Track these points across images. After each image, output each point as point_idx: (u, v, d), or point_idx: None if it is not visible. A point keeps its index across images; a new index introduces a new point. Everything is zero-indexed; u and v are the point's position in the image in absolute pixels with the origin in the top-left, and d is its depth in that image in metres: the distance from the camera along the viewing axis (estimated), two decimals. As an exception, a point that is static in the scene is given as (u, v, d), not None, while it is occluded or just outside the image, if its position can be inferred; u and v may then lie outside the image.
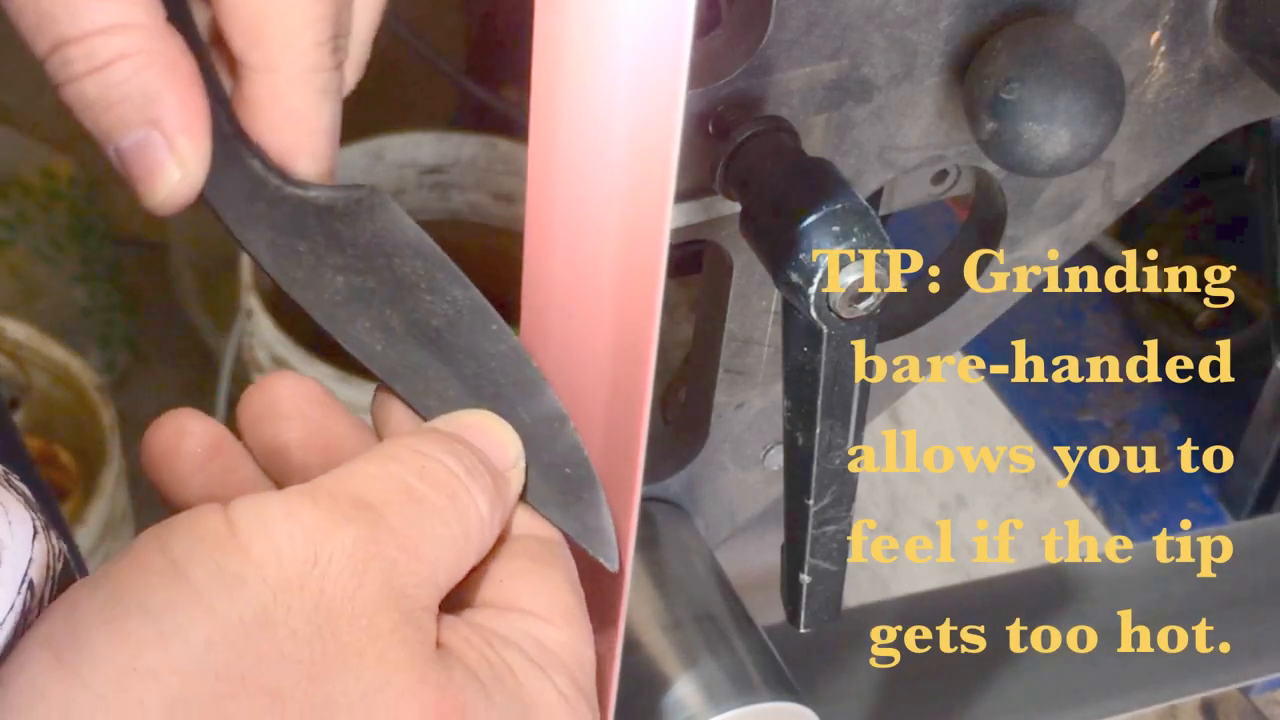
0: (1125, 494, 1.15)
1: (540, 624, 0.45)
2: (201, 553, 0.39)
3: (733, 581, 0.64)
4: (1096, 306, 1.26)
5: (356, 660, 0.39)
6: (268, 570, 0.39)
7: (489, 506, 0.45)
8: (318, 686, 0.39)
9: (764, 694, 0.59)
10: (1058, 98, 0.50)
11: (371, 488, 0.43)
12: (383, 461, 0.44)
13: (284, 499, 0.41)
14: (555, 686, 0.43)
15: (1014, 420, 1.21)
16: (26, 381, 1.70)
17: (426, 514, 0.43)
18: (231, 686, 0.38)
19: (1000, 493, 1.26)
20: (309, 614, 0.39)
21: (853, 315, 0.47)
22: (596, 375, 0.47)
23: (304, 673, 0.39)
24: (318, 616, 0.39)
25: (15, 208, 1.86)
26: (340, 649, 0.39)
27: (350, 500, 0.42)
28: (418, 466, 0.44)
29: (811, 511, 0.52)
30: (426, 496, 0.43)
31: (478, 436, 0.46)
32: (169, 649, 0.37)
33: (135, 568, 0.39)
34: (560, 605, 0.45)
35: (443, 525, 0.43)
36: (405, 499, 0.43)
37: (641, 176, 0.41)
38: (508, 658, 0.43)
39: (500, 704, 0.42)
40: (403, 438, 0.46)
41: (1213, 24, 0.57)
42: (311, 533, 0.40)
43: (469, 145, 1.83)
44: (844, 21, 0.51)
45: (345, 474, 0.43)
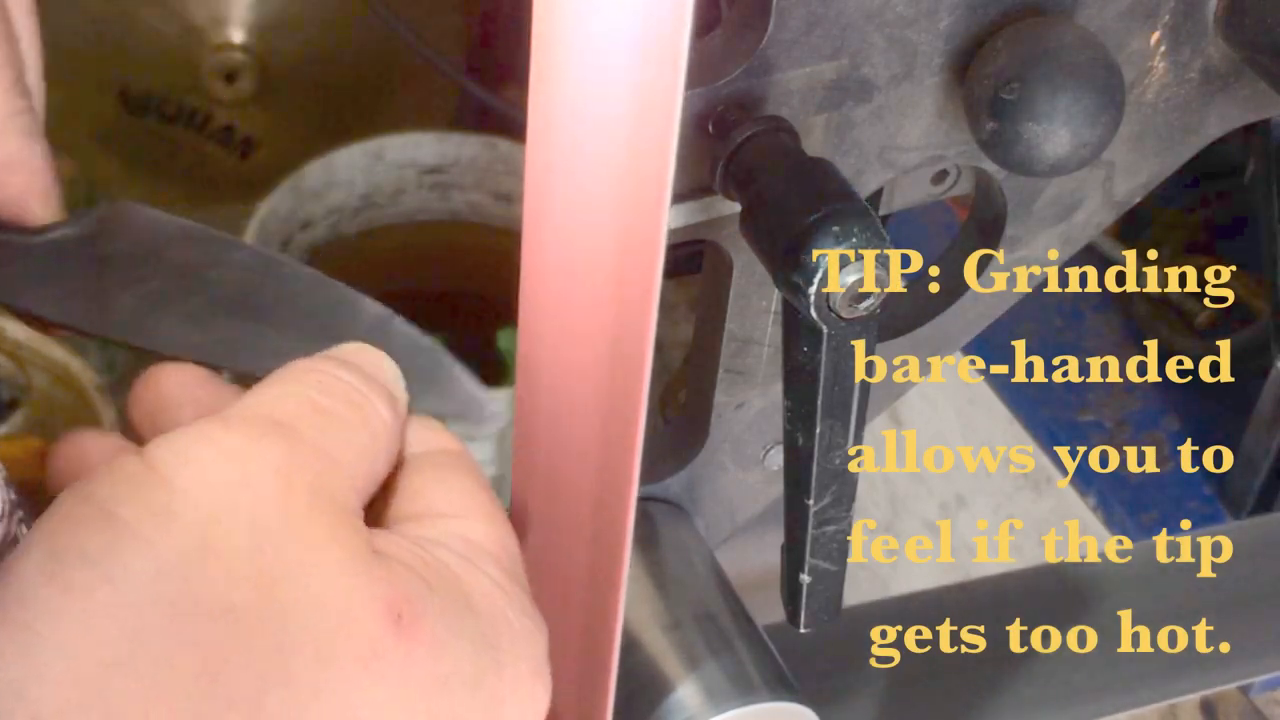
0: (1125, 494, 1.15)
1: (461, 522, 0.46)
2: (128, 493, 0.39)
3: (733, 581, 0.64)
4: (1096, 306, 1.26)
5: (299, 570, 0.40)
6: (196, 496, 0.40)
7: (389, 411, 0.46)
8: (270, 598, 0.39)
9: (764, 694, 0.59)
10: (1058, 98, 0.50)
11: (280, 407, 0.44)
12: (284, 383, 0.45)
13: (197, 429, 0.42)
14: (489, 575, 0.45)
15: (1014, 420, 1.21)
16: (26, 381, 1.70)
17: (335, 424, 0.44)
18: (187, 611, 0.38)
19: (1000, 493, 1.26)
20: (247, 532, 0.40)
21: (853, 315, 0.47)
22: (594, 375, 0.47)
23: (253, 587, 0.39)
24: (256, 533, 0.40)
25: (15, 208, 1.86)
26: (283, 561, 0.40)
27: (262, 420, 0.43)
28: (318, 381, 0.45)
29: (811, 511, 0.52)
30: (332, 408, 0.45)
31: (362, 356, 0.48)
32: (118, 588, 0.38)
33: (65, 521, 0.39)
34: (477, 503, 0.47)
35: (353, 433, 0.45)
36: (313, 412, 0.44)
37: (640, 176, 0.41)
38: (439, 555, 0.44)
39: (442, 594, 0.43)
40: (293, 363, 0.47)
41: (1213, 24, 0.57)
42: (233, 454, 0.41)
43: (469, 145, 1.83)
44: (844, 21, 0.51)
45: (251, 399, 0.44)
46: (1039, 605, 0.77)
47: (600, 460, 0.48)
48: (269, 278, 0.50)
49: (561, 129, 0.43)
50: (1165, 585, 0.80)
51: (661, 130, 0.40)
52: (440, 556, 0.44)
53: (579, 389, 0.48)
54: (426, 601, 0.42)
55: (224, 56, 1.95)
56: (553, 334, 0.48)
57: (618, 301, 0.44)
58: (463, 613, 0.43)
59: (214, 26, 1.95)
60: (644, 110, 0.40)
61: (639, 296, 0.43)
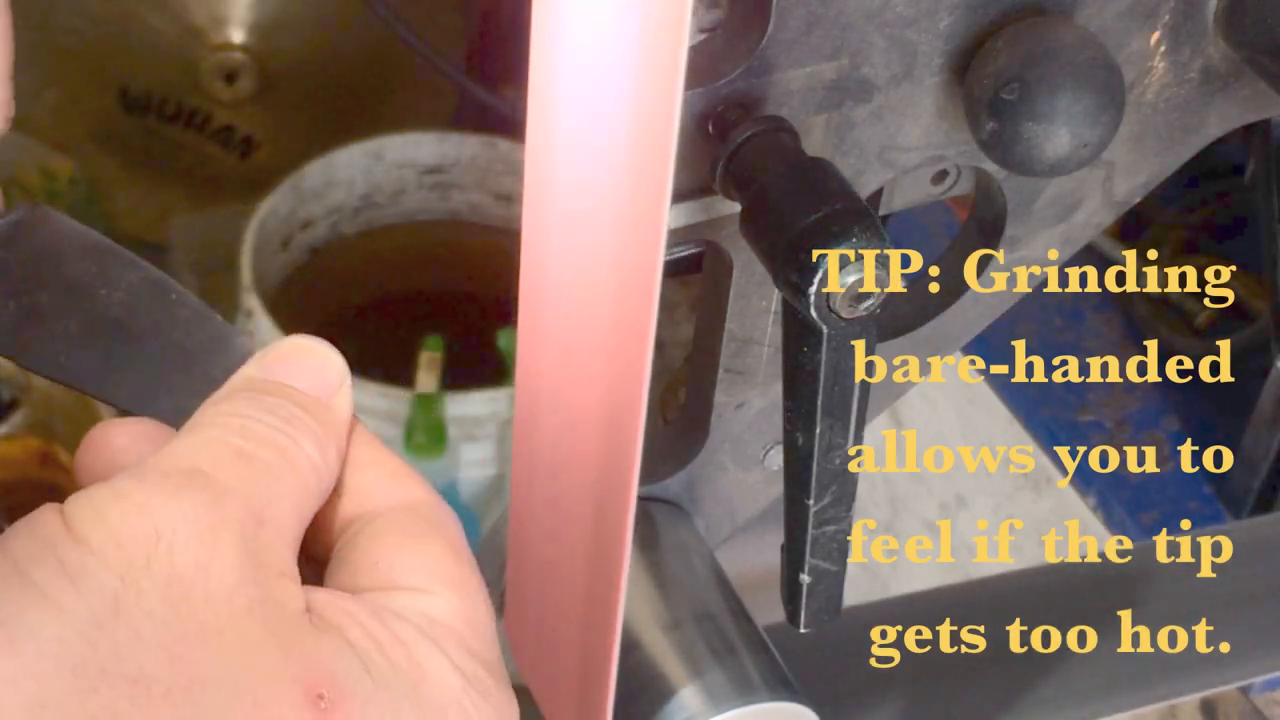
0: (1125, 494, 1.15)
1: (424, 597, 0.43)
2: (41, 552, 0.38)
3: (733, 581, 0.64)
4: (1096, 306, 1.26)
5: (217, 638, 0.38)
6: (109, 556, 0.38)
7: (318, 449, 0.44)
8: (182, 667, 0.38)
9: (764, 694, 0.59)
10: (1058, 98, 0.50)
11: (199, 456, 0.42)
12: (203, 430, 0.43)
13: (112, 486, 0.40)
14: (451, 661, 0.42)
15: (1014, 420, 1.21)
16: (26, 381, 1.70)
17: (258, 471, 0.42)
18: (91, 680, 0.37)
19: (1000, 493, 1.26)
20: (163, 592, 0.38)
21: (853, 315, 0.47)
22: (594, 375, 0.47)
23: (165, 654, 0.38)
24: (172, 593, 0.38)
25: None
26: (200, 627, 0.38)
27: (180, 471, 0.41)
28: (238, 427, 0.43)
29: (811, 511, 0.52)
30: (254, 454, 0.42)
31: (291, 373, 0.45)
32: (21, 653, 0.36)
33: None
34: (440, 573, 0.44)
35: (277, 480, 0.42)
36: (234, 459, 0.42)
37: (640, 176, 0.41)
38: (398, 630, 0.42)
39: (380, 676, 0.40)
40: (214, 403, 0.45)
41: (1213, 24, 0.57)
42: (146, 509, 0.39)
43: (469, 145, 1.83)
44: (844, 21, 0.51)
45: (168, 451, 0.42)
46: (1039, 605, 0.77)
47: (600, 460, 0.48)
48: (154, 305, 0.47)
49: (561, 129, 0.43)
50: (1165, 585, 0.80)
51: (661, 130, 0.40)
52: (399, 631, 0.42)
53: (579, 389, 0.48)
54: (356, 683, 0.40)
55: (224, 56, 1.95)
56: (552, 334, 0.48)
57: (618, 301, 0.44)
58: (402, 696, 0.40)
59: (214, 26, 1.95)
60: (644, 110, 0.40)
61: (639, 296, 0.43)
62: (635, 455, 0.45)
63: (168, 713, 0.37)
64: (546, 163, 0.44)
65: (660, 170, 0.40)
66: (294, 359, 0.46)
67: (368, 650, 0.41)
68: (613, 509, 0.48)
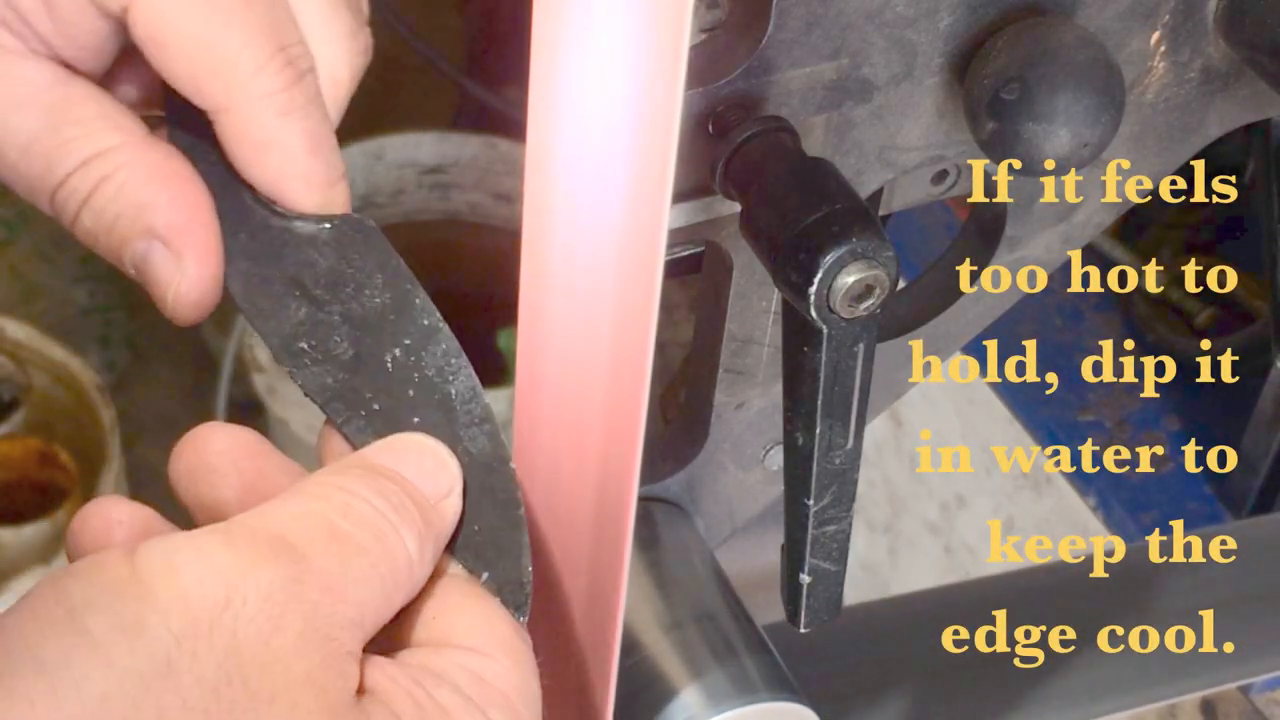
0: (1125, 494, 1.15)
1: (477, 658, 0.43)
2: (101, 600, 0.38)
3: (733, 581, 0.64)
4: (1096, 306, 1.26)
5: (266, 708, 0.38)
6: (173, 616, 0.38)
7: (417, 544, 0.43)
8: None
9: (764, 694, 0.59)
10: (1058, 98, 0.50)
11: (293, 527, 0.41)
12: (305, 500, 0.42)
13: (195, 539, 0.40)
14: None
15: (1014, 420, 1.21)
16: (26, 381, 1.70)
17: (351, 554, 0.41)
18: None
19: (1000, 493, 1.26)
20: (219, 660, 0.38)
21: (853, 315, 0.47)
22: (594, 375, 0.47)
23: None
24: (228, 662, 0.38)
25: (15, 208, 1.86)
26: (249, 696, 0.38)
27: (269, 539, 0.40)
28: (342, 504, 0.42)
29: (811, 511, 0.52)
30: (351, 535, 0.42)
31: (408, 465, 0.45)
32: (63, 705, 0.36)
33: (30, 618, 0.38)
34: (498, 637, 0.44)
35: (370, 566, 0.42)
36: (328, 538, 0.41)
37: (640, 176, 0.41)
38: (440, 696, 0.41)
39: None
40: (327, 474, 0.44)
41: (1213, 24, 0.57)
42: (224, 573, 0.39)
43: (469, 145, 1.83)
44: (844, 21, 0.51)
45: (265, 512, 0.42)
46: (1039, 605, 0.77)
47: (600, 460, 0.48)
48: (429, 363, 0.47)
49: (561, 129, 0.43)
50: (1166, 585, 0.80)
51: (661, 130, 0.40)
52: (441, 698, 0.41)
53: (579, 389, 0.48)
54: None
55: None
56: (553, 334, 0.48)
57: (618, 301, 0.44)
58: None
59: (214, 26, 1.95)
60: (644, 110, 0.40)
61: (639, 296, 0.43)
62: (635, 455, 0.45)
63: None
64: (546, 163, 0.44)
65: (660, 170, 0.40)
66: (414, 454, 0.46)
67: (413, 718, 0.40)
68: (613, 509, 0.48)
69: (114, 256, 0.48)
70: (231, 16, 0.46)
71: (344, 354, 0.48)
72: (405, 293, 0.48)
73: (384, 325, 0.48)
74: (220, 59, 0.46)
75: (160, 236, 0.47)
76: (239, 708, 0.38)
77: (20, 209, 1.87)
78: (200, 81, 0.46)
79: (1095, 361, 1.21)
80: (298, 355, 0.48)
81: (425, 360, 0.48)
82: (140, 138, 0.48)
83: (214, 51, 0.46)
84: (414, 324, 0.48)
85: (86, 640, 0.37)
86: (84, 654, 0.37)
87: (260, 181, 0.48)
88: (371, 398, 0.47)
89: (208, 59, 0.46)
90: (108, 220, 0.47)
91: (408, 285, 0.49)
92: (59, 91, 0.47)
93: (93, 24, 0.47)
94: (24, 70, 0.47)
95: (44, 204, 0.48)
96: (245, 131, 0.47)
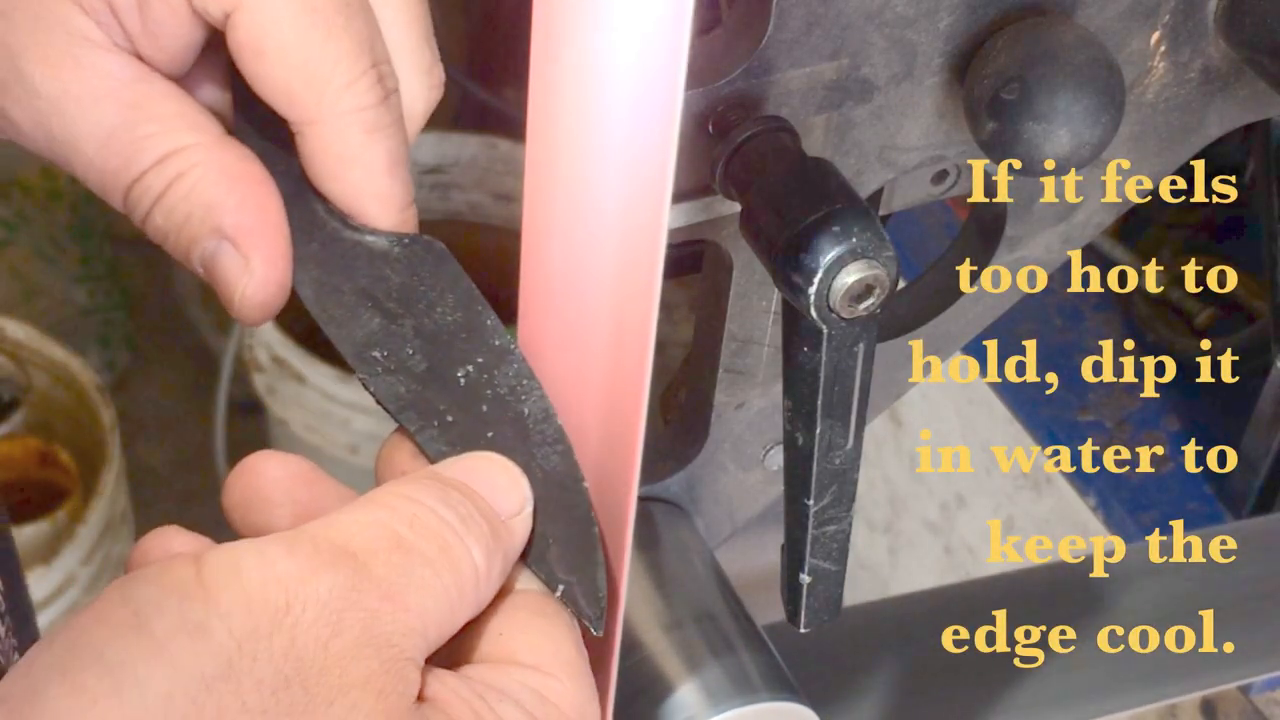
0: (1125, 494, 1.15)
1: (541, 677, 0.44)
2: (166, 603, 0.38)
3: (733, 581, 0.64)
4: (1096, 306, 1.26)
5: (324, 710, 0.38)
6: (235, 619, 0.38)
7: (485, 557, 0.43)
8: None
9: (764, 694, 0.59)
10: (1058, 98, 0.50)
11: (356, 535, 0.41)
12: (371, 509, 0.43)
13: (259, 546, 0.40)
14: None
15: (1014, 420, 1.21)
16: (26, 381, 1.70)
17: (415, 564, 0.42)
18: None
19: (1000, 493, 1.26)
20: (278, 663, 0.38)
21: (853, 315, 0.47)
22: (594, 374, 0.47)
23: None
24: (286, 666, 0.38)
25: (15, 208, 1.86)
26: (308, 699, 0.38)
27: (331, 548, 0.41)
28: (408, 514, 0.43)
29: (811, 511, 0.52)
30: (415, 545, 0.42)
31: (480, 481, 0.45)
32: (124, 701, 0.37)
33: (96, 619, 0.38)
34: (563, 658, 0.44)
35: (433, 575, 0.42)
36: (392, 548, 0.42)
37: (640, 176, 0.41)
38: (501, 711, 0.42)
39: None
40: (395, 484, 0.44)
41: (1213, 24, 0.57)
42: (285, 580, 0.39)
43: (469, 145, 1.83)
44: (844, 21, 0.51)
45: (330, 521, 0.42)
46: (1039, 605, 0.77)
47: (600, 460, 0.48)
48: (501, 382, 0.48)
49: (561, 129, 0.43)
50: (1166, 585, 0.80)
51: (661, 130, 0.40)
52: (502, 712, 0.42)
53: (579, 389, 0.48)
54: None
55: (224, 56, 1.94)
56: (552, 334, 0.48)
57: (618, 301, 0.44)
58: None
59: (214, 26, 1.95)
60: (644, 110, 0.40)
61: (639, 296, 0.43)
62: (635, 455, 0.45)
63: None
64: (547, 163, 0.44)
65: (660, 170, 0.40)
66: (485, 470, 0.46)
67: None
68: (613, 509, 0.48)
69: (182, 255, 0.48)
70: (332, 30, 0.46)
71: (417, 366, 0.48)
72: (477, 313, 0.49)
73: (455, 343, 0.48)
74: (316, 71, 0.46)
75: (229, 237, 0.47)
76: (297, 709, 0.38)
77: (20, 209, 1.86)
78: (294, 91, 0.47)
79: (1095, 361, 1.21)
80: (370, 363, 0.48)
81: (498, 380, 0.48)
82: (217, 138, 0.48)
83: (311, 63, 0.46)
84: (486, 344, 0.49)
85: (150, 641, 0.38)
86: (148, 654, 0.37)
87: (338, 196, 0.49)
88: (445, 410, 0.47)
89: (304, 69, 0.46)
90: (178, 219, 0.47)
91: (479, 306, 0.49)
92: (140, 88, 0.47)
93: (182, 26, 0.47)
94: (107, 64, 0.47)
95: (117, 200, 0.48)
96: (330, 145, 0.48)
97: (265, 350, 1.69)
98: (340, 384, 1.63)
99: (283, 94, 0.47)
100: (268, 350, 1.68)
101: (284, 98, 0.47)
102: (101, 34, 0.47)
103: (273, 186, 0.48)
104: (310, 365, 1.63)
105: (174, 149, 0.47)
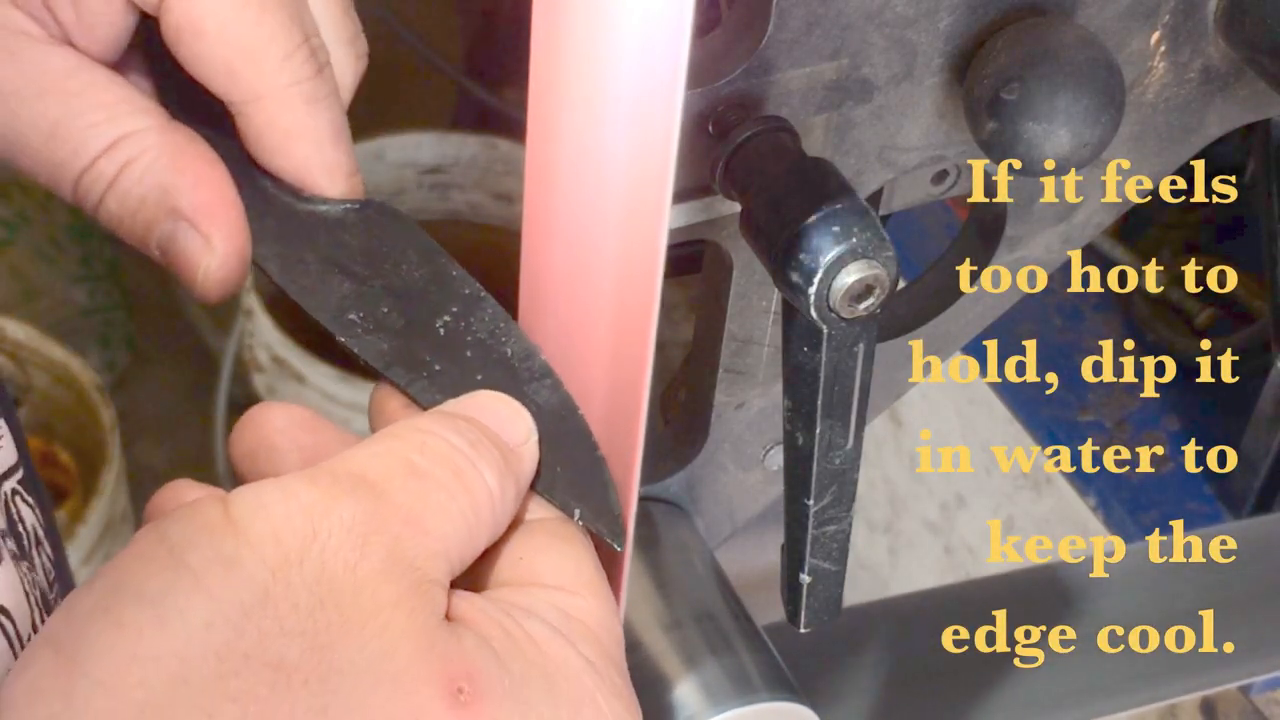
0: (1125, 494, 1.15)
1: (564, 595, 0.45)
2: (199, 539, 0.39)
3: (733, 581, 0.64)
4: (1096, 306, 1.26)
5: (359, 630, 0.39)
6: (265, 549, 0.40)
7: (497, 480, 0.44)
8: (322, 656, 0.39)
9: (764, 694, 0.59)
10: (1058, 98, 0.50)
11: (371, 466, 0.43)
12: (383, 440, 0.44)
13: (281, 483, 0.42)
14: (581, 654, 0.43)
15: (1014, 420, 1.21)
16: (26, 381, 1.70)
17: (430, 488, 0.43)
18: (234, 664, 0.38)
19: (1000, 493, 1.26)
20: (310, 587, 0.39)
21: (853, 315, 0.47)
22: (595, 374, 0.47)
23: (307, 644, 0.39)
24: (320, 589, 0.40)
25: (15, 208, 1.86)
26: (343, 620, 0.39)
27: (350, 478, 0.42)
28: (419, 443, 0.44)
29: (811, 511, 0.52)
30: (429, 471, 0.43)
31: (485, 414, 0.46)
32: (168, 632, 0.38)
33: (134, 558, 0.40)
34: (584, 577, 0.45)
35: (449, 499, 0.43)
36: (407, 474, 0.43)
37: (640, 176, 0.41)
38: (528, 627, 0.43)
39: (518, 672, 0.42)
40: (402, 421, 0.46)
41: (1213, 24, 0.57)
42: (309, 510, 0.41)
43: (469, 145, 1.83)
44: (844, 21, 0.51)
45: (346, 455, 0.43)
46: (1038, 605, 0.77)
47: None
48: (480, 326, 0.49)
49: (561, 129, 0.43)
50: (1166, 585, 0.80)
51: (661, 130, 0.40)
52: (530, 629, 0.43)
53: (579, 389, 0.48)
54: (494, 678, 0.41)
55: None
56: (553, 334, 0.48)
57: (618, 301, 0.44)
58: (539, 692, 0.42)
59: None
60: (644, 110, 0.40)
61: (639, 296, 0.43)
62: (636, 455, 0.45)
63: (305, 700, 0.38)
64: (547, 163, 0.44)
65: (660, 170, 0.40)
66: (490, 404, 0.47)
67: (505, 647, 0.42)
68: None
69: (138, 240, 0.49)
70: (265, 6, 0.47)
71: (394, 323, 0.49)
72: (441, 266, 0.50)
73: (428, 296, 0.49)
74: (254, 47, 0.47)
75: (186, 217, 0.48)
76: (334, 629, 0.39)
77: (20, 209, 1.86)
78: (235, 69, 0.48)
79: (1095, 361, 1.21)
80: (349, 326, 0.49)
81: (475, 325, 0.49)
82: (163, 121, 0.49)
83: (248, 39, 0.47)
84: (456, 294, 0.50)
85: (188, 574, 0.39)
86: (187, 586, 0.39)
87: (286, 170, 0.50)
88: (431, 360, 0.48)
89: (243, 46, 0.47)
90: (133, 204, 0.48)
91: (442, 259, 0.50)
92: (82, 78, 0.48)
93: (116, 14, 0.48)
94: (45, 56, 0.48)
95: (66, 191, 0.48)
96: (274, 119, 0.49)
97: (265, 350, 1.69)
98: (340, 384, 1.63)
99: (224, 73, 0.48)
100: (268, 350, 1.68)
101: (225, 77, 0.48)
102: (36, 27, 0.48)
103: (223, 166, 0.49)
104: (310, 365, 1.63)
105: (123, 134, 0.48)
